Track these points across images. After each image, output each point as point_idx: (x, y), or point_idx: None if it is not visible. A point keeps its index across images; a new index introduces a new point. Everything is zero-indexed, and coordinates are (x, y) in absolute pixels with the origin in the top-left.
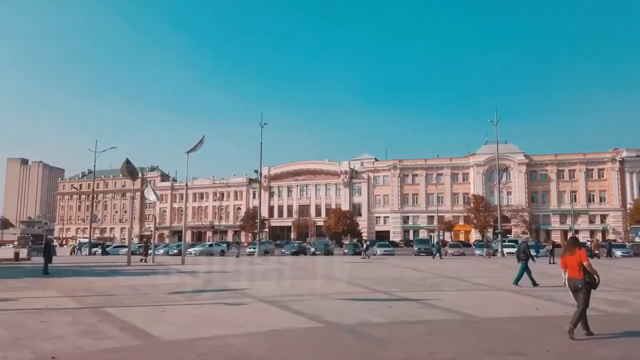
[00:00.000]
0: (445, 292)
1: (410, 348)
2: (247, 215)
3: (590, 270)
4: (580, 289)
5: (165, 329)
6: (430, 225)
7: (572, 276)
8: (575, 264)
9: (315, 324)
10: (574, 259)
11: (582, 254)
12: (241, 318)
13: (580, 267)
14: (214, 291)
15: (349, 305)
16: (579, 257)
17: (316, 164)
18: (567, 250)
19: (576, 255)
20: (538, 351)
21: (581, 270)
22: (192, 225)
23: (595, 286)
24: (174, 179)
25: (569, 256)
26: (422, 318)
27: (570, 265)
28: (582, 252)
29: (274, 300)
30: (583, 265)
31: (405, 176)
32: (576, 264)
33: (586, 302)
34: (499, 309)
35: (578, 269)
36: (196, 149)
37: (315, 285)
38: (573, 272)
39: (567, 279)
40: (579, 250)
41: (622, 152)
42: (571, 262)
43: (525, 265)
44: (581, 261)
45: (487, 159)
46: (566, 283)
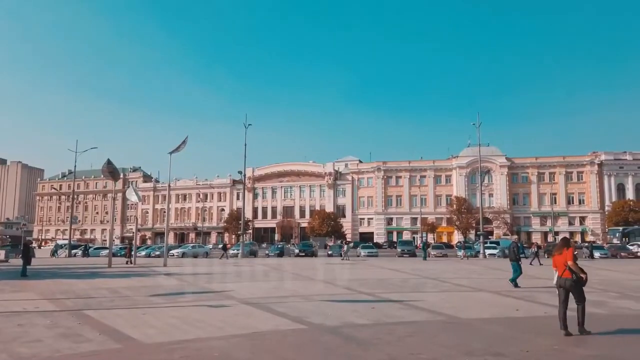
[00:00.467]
0: (428, 294)
1: (393, 349)
2: (231, 217)
3: (575, 269)
4: (569, 287)
5: (146, 331)
6: (413, 227)
7: (562, 275)
8: (563, 263)
9: (298, 326)
10: (562, 259)
11: (569, 254)
12: (224, 320)
13: (565, 265)
14: (196, 293)
15: (333, 306)
16: (565, 256)
17: (300, 165)
18: (557, 250)
19: (564, 254)
20: (517, 352)
21: (567, 269)
22: (174, 226)
23: (583, 284)
24: (156, 180)
25: (558, 255)
26: (404, 319)
27: (559, 265)
28: (569, 252)
29: (257, 302)
30: (568, 264)
31: (389, 178)
32: (564, 263)
33: (582, 298)
34: (480, 310)
35: (565, 268)
36: (179, 149)
37: (299, 287)
38: (562, 271)
39: (557, 278)
40: (567, 250)
41: (600, 155)
42: (559, 262)
43: (518, 265)
44: (566, 260)
45: (470, 162)
46: (555, 282)
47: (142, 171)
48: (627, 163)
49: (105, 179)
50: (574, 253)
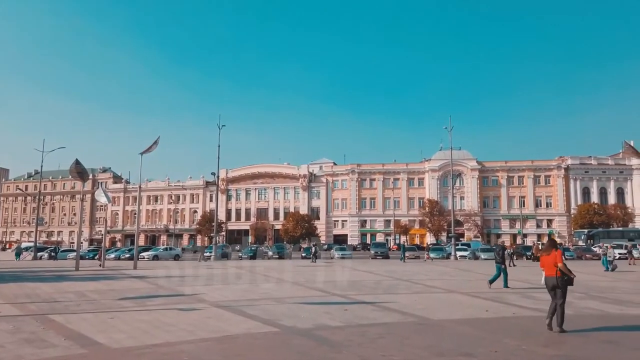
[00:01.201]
0: (400, 295)
1: (365, 351)
2: (204, 219)
3: (565, 270)
4: (557, 286)
5: (113, 336)
6: (387, 229)
7: (548, 275)
8: (551, 263)
9: (270, 329)
10: (549, 259)
11: (558, 255)
12: (194, 324)
13: (556, 267)
14: (167, 296)
15: (305, 308)
16: (554, 257)
17: (275, 167)
18: (544, 250)
19: (552, 255)
20: (487, 352)
21: (557, 269)
22: (145, 228)
23: (571, 283)
24: (127, 181)
25: (545, 256)
26: (377, 321)
27: (546, 265)
28: (558, 253)
29: (228, 305)
30: (559, 266)
31: (363, 180)
32: (552, 264)
33: (564, 297)
34: (451, 311)
35: (554, 268)
36: (150, 150)
37: (271, 289)
38: (549, 271)
39: (544, 278)
40: (555, 251)
41: (567, 160)
42: (547, 262)
43: (504, 268)
44: (556, 262)
45: (442, 165)
46: (543, 281)
47: (112, 172)
48: (592, 167)
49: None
50: (562, 254)
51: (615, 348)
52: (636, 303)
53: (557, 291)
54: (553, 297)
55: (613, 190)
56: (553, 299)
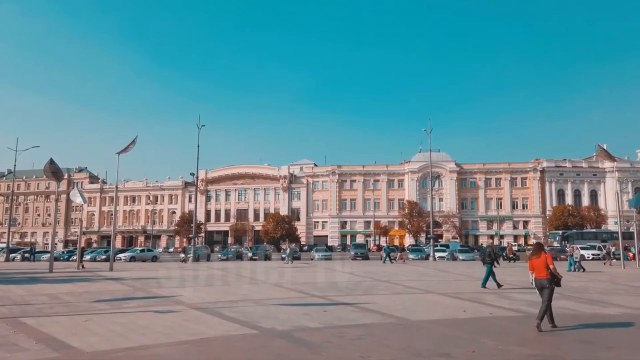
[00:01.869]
0: (379, 296)
1: (344, 352)
2: (182, 220)
3: (555, 273)
4: (546, 287)
5: (87, 339)
6: (366, 230)
7: (539, 277)
8: (541, 266)
9: (248, 331)
10: (540, 262)
11: (548, 258)
12: (171, 326)
13: (546, 269)
14: (143, 298)
15: (284, 310)
16: (545, 260)
17: (255, 168)
18: (533, 254)
19: (542, 258)
20: (464, 352)
21: (547, 271)
22: (122, 229)
23: (559, 284)
24: (103, 181)
25: (535, 259)
26: (356, 322)
27: (536, 267)
28: (548, 256)
29: (206, 307)
30: (549, 267)
31: (343, 182)
32: (542, 266)
33: (550, 298)
34: (429, 311)
35: (544, 270)
36: (128, 149)
37: (250, 291)
38: (539, 273)
39: (534, 279)
40: (545, 254)
41: (542, 162)
42: (537, 264)
43: (490, 269)
44: (547, 264)
45: (421, 167)
46: (533, 282)
47: (88, 172)
48: (567, 170)
49: (47, 179)
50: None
51: (589, 347)
52: (608, 303)
53: (545, 291)
54: (542, 297)
55: (587, 193)
56: (543, 299)
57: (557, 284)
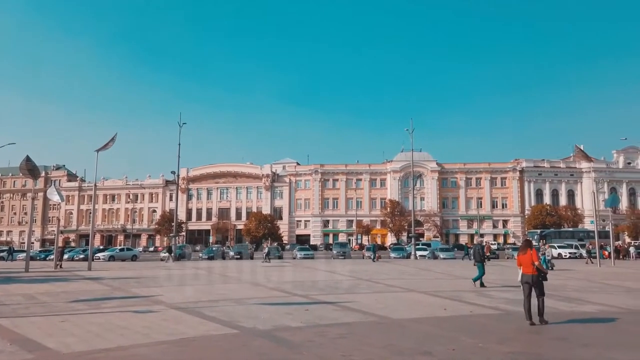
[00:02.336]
0: (361, 295)
1: (325, 351)
2: (163, 218)
3: (541, 268)
4: (534, 283)
5: (63, 340)
6: (349, 229)
7: (525, 272)
8: (528, 262)
9: (229, 330)
10: (526, 258)
11: (534, 255)
12: (150, 326)
13: (532, 265)
14: (122, 298)
15: (266, 309)
16: (531, 257)
17: (237, 166)
18: (521, 250)
19: (528, 254)
20: (445, 350)
21: (533, 267)
22: (101, 228)
23: (546, 279)
24: (82, 179)
25: (522, 255)
26: (338, 321)
27: (523, 263)
28: (534, 252)
29: (186, 307)
30: (535, 264)
31: (326, 181)
32: (529, 262)
33: (542, 292)
34: (410, 310)
35: (531, 266)
36: (107, 147)
37: (232, 290)
38: (526, 269)
39: (521, 275)
40: (531, 251)
41: (522, 162)
42: (525, 261)
43: (482, 266)
44: (533, 260)
45: (403, 166)
46: (520, 278)
47: (66, 169)
48: (545, 170)
49: (24, 177)
50: (538, 254)
51: (566, 344)
52: (585, 300)
53: (534, 288)
54: (526, 295)
55: (564, 192)
56: (526, 297)
57: (544, 278)
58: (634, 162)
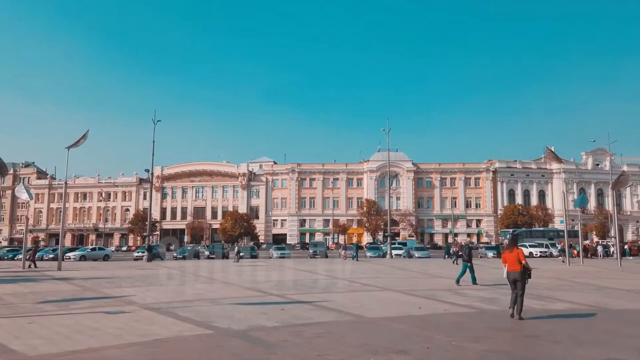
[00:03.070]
0: (337, 294)
1: (300, 351)
2: (136, 217)
3: (527, 266)
4: (518, 280)
5: (30, 342)
6: (325, 229)
7: (511, 269)
8: (514, 260)
9: (203, 331)
10: (512, 256)
11: (520, 253)
12: (121, 327)
13: (518, 262)
14: (93, 299)
15: (241, 309)
16: (517, 255)
17: (213, 165)
18: (507, 248)
19: (514, 253)
20: (419, 348)
21: (519, 264)
22: (72, 227)
23: (530, 276)
24: (52, 177)
25: (508, 253)
26: (314, 320)
27: (509, 261)
28: (520, 251)
29: (159, 307)
30: (520, 261)
31: (303, 180)
32: (515, 260)
33: (523, 289)
34: (386, 309)
35: (517, 263)
36: (78, 144)
37: (206, 290)
38: (511, 266)
39: (507, 272)
40: (517, 249)
41: (495, 163)
42: (510, 258)
43: (470, 266)
44: (520, 259)
45: (379, 166)
46: (506, 275)
47: (35, 167)
48: (517, 171)
49: None
50: (524, 252)
51: (538, 342)
52: (556, 298)
53: (518, 284)
54: (513, 289)
55: (535, 193)
56: (513, 291)
57: (529, 275)
58: (601, 163)
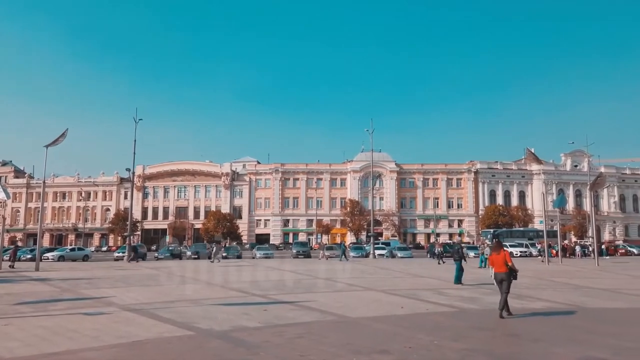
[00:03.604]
0: (320, 294)
1: (282, 351)
2: (117, 217)
3: (514, 268)
4: (505, 280)
5: (6, 345)
6: (309, 229)
7: (498, 271)
8: (500, 261)
9: (184, 332)
10: (499, 258)
11: (507, 255)
12: (100, 329)
13: (505, 264)
14: (71, 300)
15: (223, 310)
16: (504, 257)
17: (196, 164)
18: (493, 250)
19: (501, 255)
20: (401, 348)
21: (505, 266)
22: (51, 227)
23: (516, 277)
24: (30, 176)
25: (495, 255)
26: (296, 320)
27: (496, 263)
28: (506, 253)
29: (140, 308)
30: (507, 263)
31: (286, 180)
32: (501, 262)
33: (508, 289)
34: (368, 308)
35: (503, 265)
36: (57, 142)
37: (188, 291)
38: (498, 268)
39: (494, 273)
40: (504, 251)
41: (476, 164)
42: (497, 260)
43: (460, 265)
44: (506, 260)
45: (363, 166)
46: (493, 276)
47: (13, 165)
48: (498, 172)
49: None
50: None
51: (518, 340)
52: (535, 298)
53: (504, 284)
54: (500, 289)
55: (516, 193)
56: (501, 291)
57: (515, 277)
58: (580, 164)
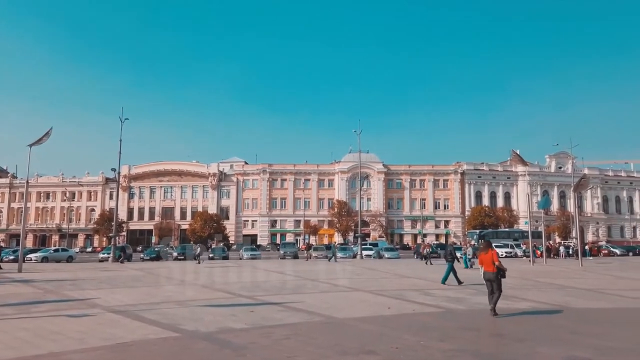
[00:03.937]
0: (307, 295)
1: (269, 353)
2: (102, 218)
3: (501, 267)
4: (494, 279)
5: None
6: (296, 229)
7: (487, 270)
8: (489, 261)
9: (170, 334)
10: (488, 257)
11: (494, 255)
12: (85, 331)
13: (492, 264)
14: (55, 302)
15: (209, 311)
16: (492, 256)
17: (182, 164)
18: (482, 250)
19: (489, 254)
20: (387, 349)
21: (493, 265)
22: (34, 227)
23: (505, 276)
24: (13, 175)
25: (484, 255)
26: (283, 321)
27: (485, 262)
28: (494, 253)
29: (125, 310)
30: (496, 264)
31: (274, 180)
32: (490, 261)
33: (500, 288)
34: (356, 309)
35: (491, 265)
36: (41, 141)
37: (174, 292)
38: (487, 267)
39: (483, 272)
40: (492, 251)
41: (463, 165)
42: (486, 260)
43: (452, 266)
44: (494, 260)
45: (351, 167)
46: (482, 275)
47: None
48: (484, 173)
49: None
50: (498, 253)
51: (503, 340)
52: (520, 298)
53: (494, 283)
54: (489, 288)
55: (501, 194)
56: (489, 290)
57: (503, 275)
58: (564, 166)
